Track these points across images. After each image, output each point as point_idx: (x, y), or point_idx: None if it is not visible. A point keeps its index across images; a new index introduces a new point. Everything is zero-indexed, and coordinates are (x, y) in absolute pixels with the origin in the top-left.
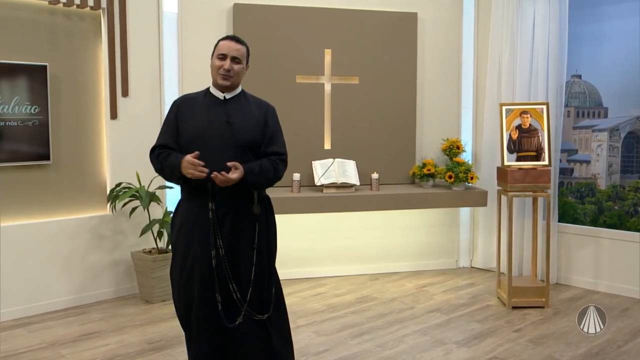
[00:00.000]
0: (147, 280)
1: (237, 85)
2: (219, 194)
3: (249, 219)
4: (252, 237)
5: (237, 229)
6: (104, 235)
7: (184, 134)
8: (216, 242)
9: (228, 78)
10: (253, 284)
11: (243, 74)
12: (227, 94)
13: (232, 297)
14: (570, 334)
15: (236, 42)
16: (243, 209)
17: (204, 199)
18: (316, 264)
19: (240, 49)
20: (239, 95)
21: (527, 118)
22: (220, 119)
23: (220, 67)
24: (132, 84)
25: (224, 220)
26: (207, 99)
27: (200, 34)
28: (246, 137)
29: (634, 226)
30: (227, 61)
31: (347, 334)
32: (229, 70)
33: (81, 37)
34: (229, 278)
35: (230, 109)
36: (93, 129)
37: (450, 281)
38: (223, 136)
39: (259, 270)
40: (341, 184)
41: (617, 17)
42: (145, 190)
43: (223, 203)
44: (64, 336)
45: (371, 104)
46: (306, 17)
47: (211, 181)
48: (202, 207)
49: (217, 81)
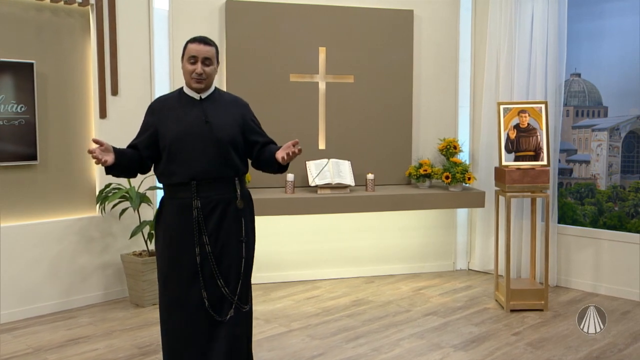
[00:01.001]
0: (137, 284)
1: (211, 84)
2: (203, 190)
3: (235, 214)
4: (239, 231)
5: (224, 224)
6: (93, 237)
7: (165, 136)
8: (201, 239)
9: (202, 81)
10: (243, 278)
11: (215, 73)
12: (202, 94)
13: (217, 293)
14: (570, 337)
15: (205, 44)
16: (228, 204)
17: (188, 197)
18: (310, 267)
19: (210, 50)
20: (213, 93)
21: (525, 117)
22: (198, 118)
23: (192, 71)
24: (122, 82)
25: (210, 217)
26: (183, 99)
27: (191, 31)
28: (226, 135)
29: (634, 227)
30: (198, 65)
31: (342, 337)
32: (201, 74)
33: (69, 34)
34: (216, 274)
35: (207, 108)
36: (81, 128)
37: (447, 284)
38: (203, 136)
39: (247, 263)
40: (336, 185)
41: (617, 15)
42: (135, 191)
43: (208, 200)
44: (51, 341)
45: (366, 103)
46: (300, 14)
47: (195, 180)
48: (185, 205)
49: (191, 85)
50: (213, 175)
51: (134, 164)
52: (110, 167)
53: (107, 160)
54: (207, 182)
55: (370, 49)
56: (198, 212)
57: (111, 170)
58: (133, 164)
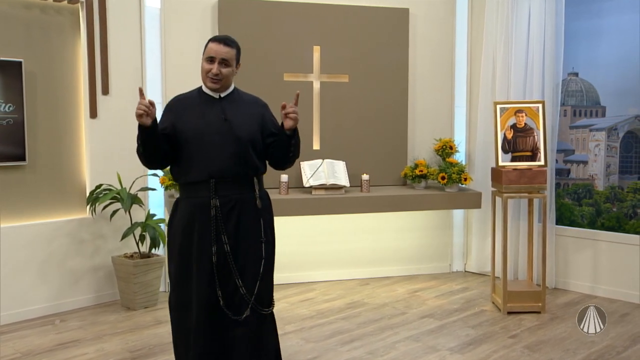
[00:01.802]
0: (128, 286)
1: (229, 84)
2: (222, 189)
3: (254, 213)
4: (258, 231)
5: (243, 223)
6: (83, 239)
7: (183, 134)
8: (220, 238)
9: (217, 82)
10: (261, 278)
11: (233, 75)
12: (221, 93)
13: (234, 293)
14: (568, 340)
15: (225, 44)
16: (247, 204)
17: (206, 196)
18: (305, 269)
19: (229, 52)
20: (232, 93)
21: (522, 117)
22: (217, 117)
23: (208, 70)
24: (113, 81)
25: (229, 216)
26: (202, 97)
27: (184, 29)
28: (245, 133)
29: (633, 228)
30: (215, 65)
31: (337, 340)
32: (217, 74)
33: (58, 32)
34: (235, 274)
35: (225, 106)
36: (72, 128)
37: (443, 286)
38: (222, 134)
39: (268, 263)
40: (330, 186)
41: (615, 13)
42: (126, 192)
43: (227, 199)
44: (40, 346)
45: (361, 102)
46: (294, 12)
47: (214, 178)
48: (203, 204)
49: (206, 84)
50: (232, 174)
51: (165, 145)
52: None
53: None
54: (226, 181)
55: (365, 48)
56: (217, 211)
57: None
58: (164, 145)
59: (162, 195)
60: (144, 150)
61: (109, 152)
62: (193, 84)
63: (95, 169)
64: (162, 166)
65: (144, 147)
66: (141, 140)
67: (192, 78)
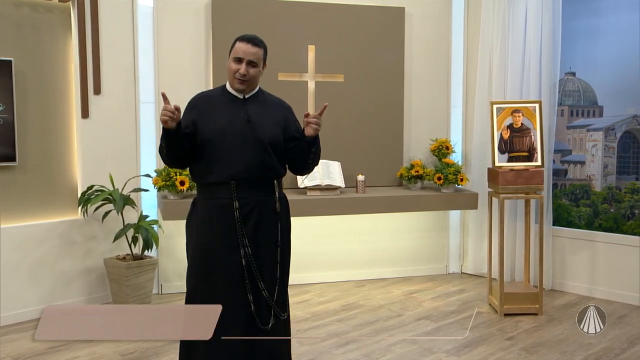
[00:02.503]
0: (120, 289)
1: (256, 85)
2: (243, 191)
3: (272, 217)
4: (275, 235)
5: (261, 227)
6: (74, 241)
7: (204, 133)
8: (243, 241)
9: (244, 82)
10: (279, 282)
11: (260, 75)
12: (246, 94)
13: (259, 298)
14: (565, 342)
15: (253, 44)
16: (266, 206)
17: (227, 197)
18: (299, 270)
19: (257, 52)
20: (256, 94)
21: (518, 117)
22: (240, 117)
23: (236, 70)
24: (105, 80)
25: (248, 219)
26: (225, 97)
27: (177, 28)
28: (267, 135)
29: (630, 229)
30: (242, 65)
31: (332, 343)
32: (245, 75)
33: (49, 30)
34: (257, 277)
35: (249, 107)
36: (63, 128)
37: (439, 287)
38: (244, 135)
39: (283, 268)
40: (325, 186)
41: (613, 12)
42: (119, 194)
43: (247, 201)
44: (30, 349)
45: (357, 102)
46: (289, 11)
47: (234, 180)
48: (224, 205)
49: (233, 85)
50: (252, 176)
51: (187, 144)
52: (173, 133)
53: (172, 126)
54: (246, 183)
55: (360, 47)
56: (239, 213)
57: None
58: (186, 144)
59: (155, 197)
60: (168, 152)
61: (101, 153)
62: (186, 83)
63: (87, 170)
64: (184, 166)
65: (168, 149)
66: (166, 142)
67: (186, 77)
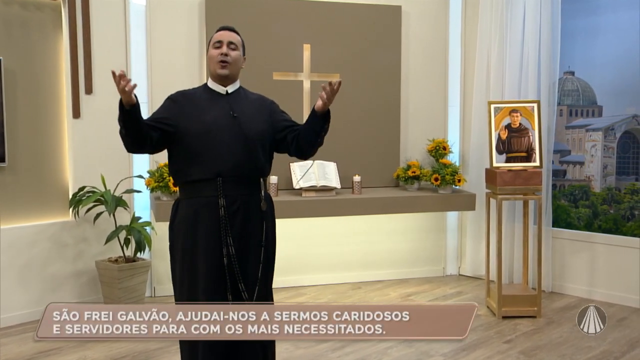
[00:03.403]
0: (113, 292)
1: (236, 77)
2: (229, 189)
3: (257, 216)
4: (260, 235)
5: (247, 226)
6: (65, 243)
7: (188, 130)
8: (227, 241)
9: (226, 65)
10: (260, 282)
11: (241, 64)
12: (228, 88)
13: (238, 297)
14: (564, 345)
15: (231, 30)
16: (252, 205)
17: (212, 196)
18: (295, 272)
19: (235, 36)
20: (239, 90)
21: (517, 117)
22: (224, 113)
23: (217, 54)
24: (97, 80)
25: (234, 217)
26: (208, 93)
27: (170, 26)
28: (254, 130)
29: (630, 231)
30: (224, 47)
31: (328, 346)
32: (227, 55)
33: (39, 28)
34: (238, 277)
35: (233, 102)
36: (53, 128)
37: (437, 290)
38: (231, 130)
39: (266, 268)
40: (321, 187)
41: (612, 11)
42: (110, 195)
43: (233, 199)
44: (19, 354)
45: (353, 102)
46: (284, 9)
47: (221, 177)
48: (209, 204)
49: (215, 71)
50: (239, 173)
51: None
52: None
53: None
54: (233, 180)
55: (356, 46)
56: (225, 211)
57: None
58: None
59: (148, 198)
60: (126, 132)
61: (92, 153)
62: (179, 82)
63: (79, 171)
64: (144, 151)
65: (126, 128)
66: (122, 121)
67: (179, 76)
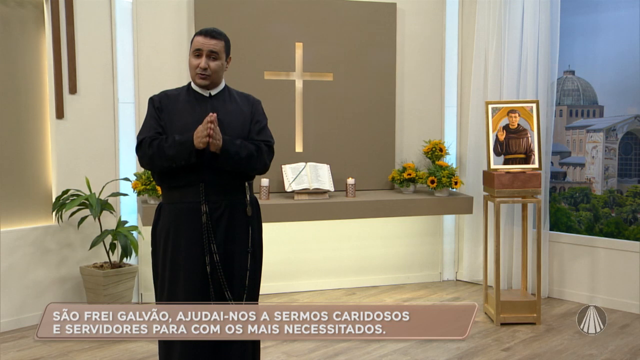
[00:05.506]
0: (98, 298)
1: (219, 81)
2: (211, 194)
3: (243, 221)
4: (245, 240)
5: (232, 232)
6: (48, 249)
7: (170, 133)
8: (210, 248)
9: (206, 77)
10: (248, 288)
11: (224, 69)
12: (211, 91)
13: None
14: (564, 353)
15: (211, 37)
16: (236, 210)
17: (195, 201)
18: (287, 278)
19: (217, 44)
20: (223, 91)
21: (515, 117)
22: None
23: (196, 66)
24: (81, 79)
25: (218, 223)
26: (191, 95)
27: (158, 24)
28: (236, 133)
29: (632, 235)
30: (202, 59)
31: (321, 354)
32: (206, 69)
33: (20, 26)
34: (223, 285)
35: (216, 105)
36: (36, 129)
37: (433, 295)
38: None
39: (253, 275)
40: (314, 190)
41: (613, 8)
42: (96, 198)
43: (217, 205)
44: None
45: (347, 102)
46: (275, 7)
47: (203, 182)
48: (192, 210)
49: (195, 80)
50: (222, 179)
51: None
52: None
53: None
54: (216, 185)
55: (350, 45)
56: (207, 218)
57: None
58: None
59: (135, 201)
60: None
61: (76, 155)
62: (167, 82)
63: (62, 173)
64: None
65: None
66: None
67: (167, 76)
